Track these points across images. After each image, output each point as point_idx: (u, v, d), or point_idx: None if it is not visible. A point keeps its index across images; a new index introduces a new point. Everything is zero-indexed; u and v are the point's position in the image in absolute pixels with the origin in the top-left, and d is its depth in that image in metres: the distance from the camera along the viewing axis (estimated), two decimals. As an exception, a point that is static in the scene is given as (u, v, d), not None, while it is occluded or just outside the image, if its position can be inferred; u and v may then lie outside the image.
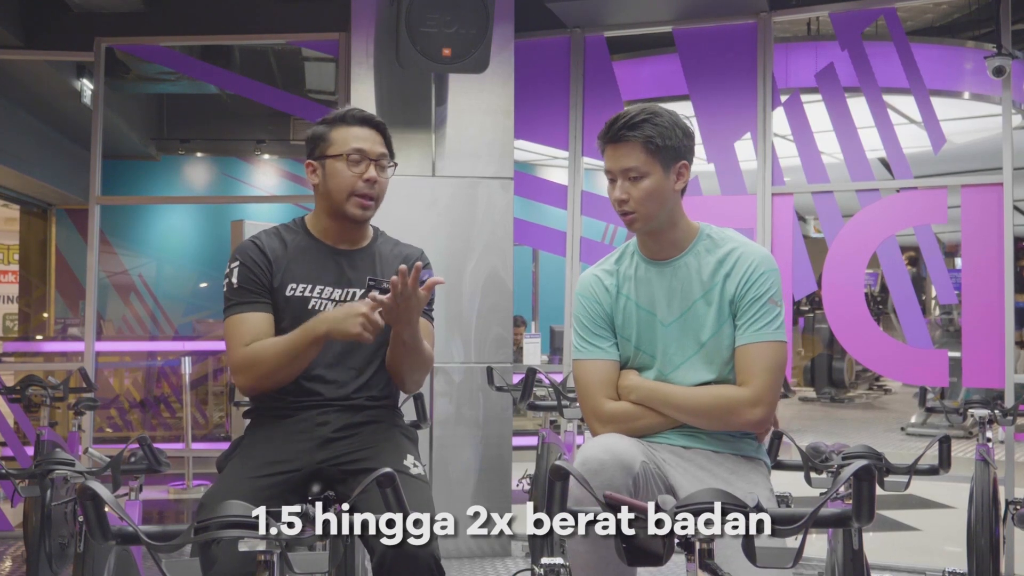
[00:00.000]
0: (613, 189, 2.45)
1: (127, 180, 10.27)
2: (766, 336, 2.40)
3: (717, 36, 5.42)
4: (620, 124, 2.39)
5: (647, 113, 2.40)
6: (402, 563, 2.19)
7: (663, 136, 2.39)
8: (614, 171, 2.43)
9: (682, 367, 2.46)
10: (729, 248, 2.48)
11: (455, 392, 5.07)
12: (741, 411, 2.38)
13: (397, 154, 2.84)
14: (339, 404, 2.54)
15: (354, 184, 2.58)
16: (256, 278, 2.56)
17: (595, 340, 2.52)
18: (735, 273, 2.44)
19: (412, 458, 2.51)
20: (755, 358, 2.39)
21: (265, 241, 2.63)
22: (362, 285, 2.59)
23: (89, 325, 5.74)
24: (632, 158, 2.39)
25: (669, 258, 2.50)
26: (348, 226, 2.65)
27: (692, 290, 2.46)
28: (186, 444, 7.26)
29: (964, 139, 9.19)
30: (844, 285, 5.22)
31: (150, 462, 2.62)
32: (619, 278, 2.54)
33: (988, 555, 3.71)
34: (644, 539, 1.47)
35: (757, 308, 2.41)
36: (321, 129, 2.65)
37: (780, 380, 2.43)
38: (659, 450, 2.44)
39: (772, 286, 2.43)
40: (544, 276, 10.81)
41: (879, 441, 9.56)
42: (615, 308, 2.52)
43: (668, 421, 2.45)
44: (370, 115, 2.68)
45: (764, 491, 2.39)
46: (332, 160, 2.60)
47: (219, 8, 5.71)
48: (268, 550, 1.49)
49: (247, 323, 2.51)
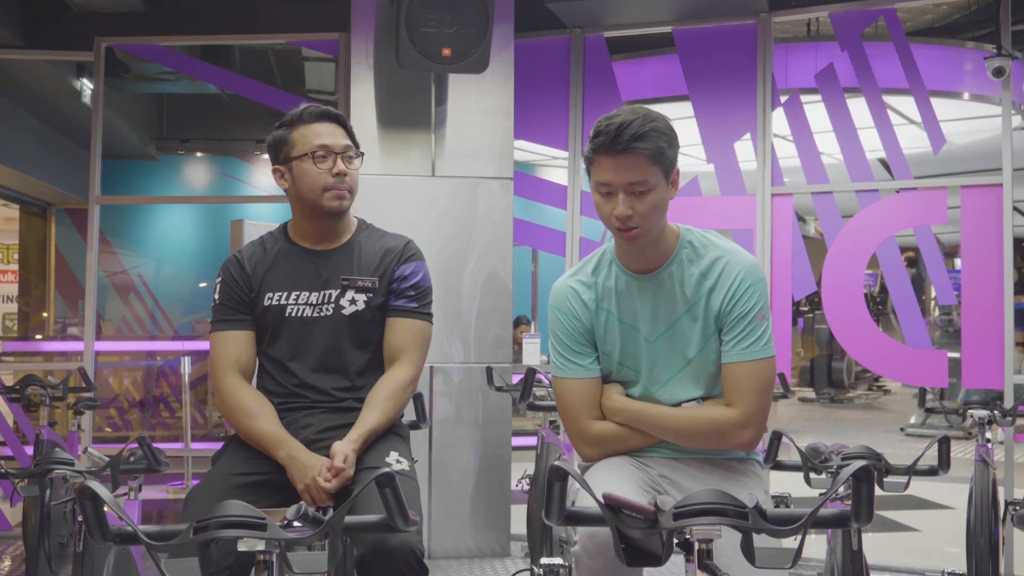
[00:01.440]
0: (608, 203, 2.26)
1: (127, 180, 10.27)
2: (754, 354, 2.32)
3: (717, 36, 5.42)
4: (628, 135, 2.18)
5: (648, 120, 2.22)
6: (382, 558, 2.18)
7: (667, 143, 2.24)
8: (615, 184, 2.23)
9: (669, 383, 2.41)
10: (713, 258, 2.37)
11: (454, 392, 5.07)
12: (731, 434, 2.34)
13: (396, 154, 2.84)
14: (324, 406, 2.55)
15: (324, 180, 2.56)
16: (235, 295, 2.60)
17: (575, 358, 2.42)
18: (720, 287, 2.34)
19: (396, 454, 2.48)
20: (743, 378, 2.32)
21: (247, 254, 2.65)
22: (336, 285, 2.58)
23: (88, 325, 5.74)
24: (639, 171, 2.21)
25: (651, 270, 2.38)
26: (327, 224, 2.63)
27: (676, 305, 2.37)
28: (185, 444, 7.25)
29: (964, 140, 9.18)
30: (844, 286, 5.22)
31: (149, 462, 2.61)
32: (598, 291, 2.43)
33: (987, 556, 3.71)
34: (643, 539, 1.47)
35: (744, 325, 2.32)
36: (281, 133, 2.62)
37: (769, 396, 2.40)
38: (654, 465, 2.42)
39: (759, 300, 2.33)
40: (543, 276, 10.80)
41: (878, 442, 9.57)
42: (595, 322, 2.42)
43: (655, 439, 2.42)
44: (327, 109, 2.64)
45: (759, 492, 2.39)
46: (298, 161, 2.58)
47: (219, 8, 5.71)
48: (267, 550, 1.49)
49: (229, 344, 2.57)
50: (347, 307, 2.58)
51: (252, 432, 2.47)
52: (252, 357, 2.60)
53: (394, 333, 2.61)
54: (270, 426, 2.46)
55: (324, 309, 2.58)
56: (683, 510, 1.44)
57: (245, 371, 2.58)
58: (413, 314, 2.62)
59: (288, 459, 2.40)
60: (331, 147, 2.58)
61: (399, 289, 2.62)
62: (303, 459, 2.39)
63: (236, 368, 2.56)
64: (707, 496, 1.45)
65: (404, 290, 2.62)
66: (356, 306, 2.58)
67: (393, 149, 5.02)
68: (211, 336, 2.62)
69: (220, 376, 2.56)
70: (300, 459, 2.39)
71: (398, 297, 2.62)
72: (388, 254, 2.64)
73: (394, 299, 2.62)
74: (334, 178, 2.56)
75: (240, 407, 2.50)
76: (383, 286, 2.61)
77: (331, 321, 2.57)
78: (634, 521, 1.44)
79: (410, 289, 2.63)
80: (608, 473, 2.35)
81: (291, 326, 2.57)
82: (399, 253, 2.65)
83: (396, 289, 2.62)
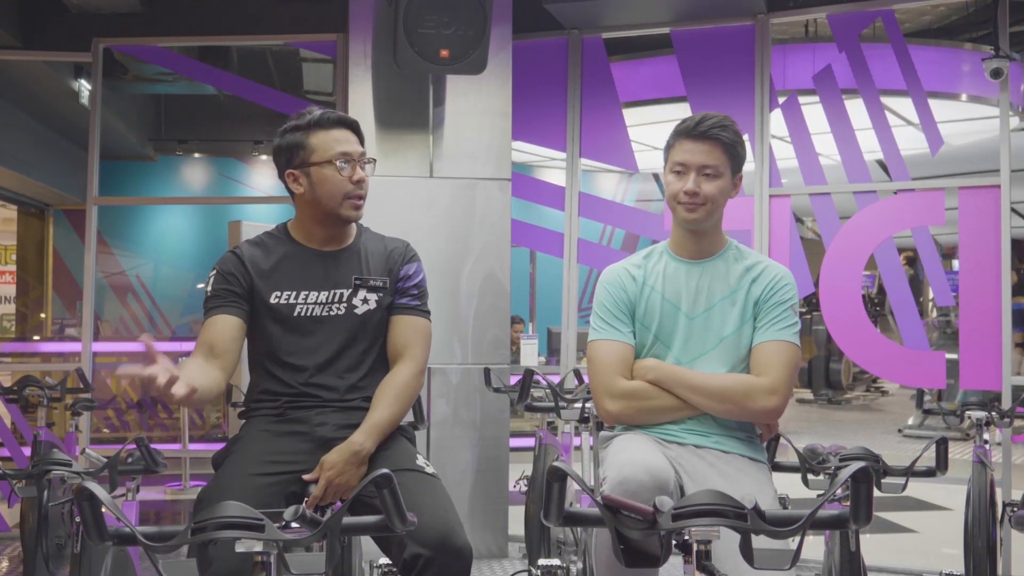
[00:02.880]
0: (679, 180, 2.54)
1: (125, 181, 10.27)
2: (785, 336, 2.52)
3: (715, 38, 5.42)
4: (711, 123, 2.53)
5: (729, 121, 2.58)
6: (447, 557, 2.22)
7: (741, 145, 2.59)
8: (690, 164, 2.53)
9: (700, 359, 2.54)
10: (756, 260, 2.63)
11: (452, 393, 5.07)
12: (758, 397, 2.47)
13: (394, 155, 2.85)
14: (335, 405, 2.55)
15: (345, 188, 2.57)
16: (229, 285, 2.58)
17: (615, 323, 2.60)
18: (761, 279, 2.57)
19: (422, 458, 2.54)
20: (773, 352, 2.50)
21: (246, 251, 2.64)
22: (347, 284, 2.61)
23: (86, 326, 5.73)
24: (713, 156, 2.53)
25: (701, 258, 2.62)
26: (337, 228, 2.66)
27: (718, 290, 2.58)
28: (183, 445, 7.26)
29: (961, 141, 9.19)
30: (841, 287, 5.23)
31: (147, 463, 2.62)
32: (647, 271, 2.64)
33: (985, 557, 3.71)
34: (642, 540, 1.47)
35: (779, 311, 2.53)
36: (297, 137, 2.60)
37: (794, 378, 2.53)
38: (674, 450, 2.49)
39: (793, 297, 2.57)
40: (541, 277, 10.81)
41: (876, 443, 9.57)
42: (639, 297, 2.61)
43: (680, 406, 2.51)
44: (344, 116, 2.66)
45: (769, 492, 2.43)
46: (318, 167, 2.57)
47: (217, 9, 5.71)
48: (265, 551, 1.49)
49: (208, 328, 2.54)
50: (360, 306, 2.60)
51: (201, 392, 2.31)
52: (228, 340, 2.52)
53: (399, 330, 2.64)
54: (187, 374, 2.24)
55: (335, 308, 2.59)
56: (682, 511, 1.44)
57: (214, 352, 2.48)
58: (416, 312, 2.67)
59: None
60: (351, 154, 2.59)
61: (404, 288, 2.67)
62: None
63: (203, 350, 2.50)
64: (706, 497, 1.45)
65: (408, 289, 2.67)
66: (368, 305, 2.61)
67: (391, 150, 5.02)
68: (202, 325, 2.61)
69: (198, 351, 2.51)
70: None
71: (402, 295, 2.66)
72: (392, 255, 2.68)
73: (399, 298, 2.66)
74: (354, 185, 2.58)
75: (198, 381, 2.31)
76: (391, 286, 2.65)
77: (343, 320, 2.59)
78: (633, 522, 1.44)
79: (413, 288, 2.68)
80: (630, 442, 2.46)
81: (300, 325, 2.57)
82: (403, 253, 2.70)
83: (401, 288, 2.66)
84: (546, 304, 10.03)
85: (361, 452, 2.44)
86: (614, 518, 1.44)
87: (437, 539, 2.20)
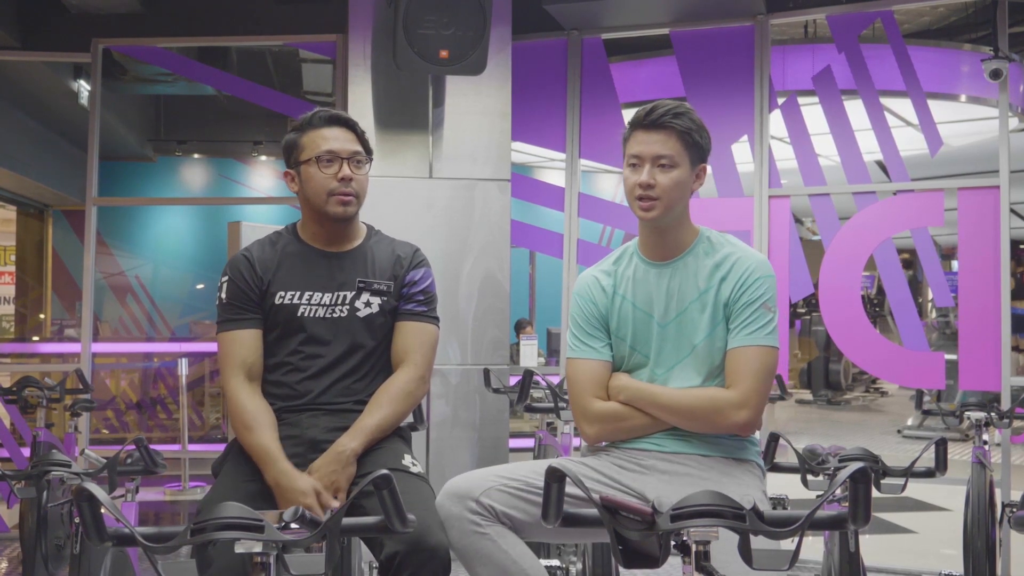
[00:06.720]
0: (634, 174, 2.42)
1: (124, 181, 10.28)
2: (757, 340, 2.39)
3: (714, 38, 5.42)
4: (663, 111, 2.39)
5: (685, 108, 2.43)
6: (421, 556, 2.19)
7: (699, 133, 2.43)
8: (644, 156, 2.41)
9: (674, 369, 2.46)
10: (726, 252, 2.48)
11: (452, 394, 5.07)
12: (727, 412, 2.37)
13: (393, 156, 2.84)
14: (331, 407, 2.55)
15: (329, 185, 2.57)
16: (244, 294, 2.59)
17: (588, 340, 2.52)
18: (731, 277, 2.44)
19: (410, 457, 2.51)
20: (744, 361, 2.38)
21: (256, 253, 2.65)
22: (351, 287, 2.60)
23: (86, 326, 5.73)
24: (668, 146, 2.39)
25: (669, 259, 2.50)
26: (335, 227, 2.64)
27: (688, 292, 2.46)
28: (183, 446, 7.24)
29: (961, 142, 9.19)
30: (841, 288, 5.23)
31: (146, 464, 2.61)
32: (616, 279, 2.54)
33: (984, 558, 3.71)
34: (641, 541, 1.47)
35: (750, 312, 2.40)
36: (292, 137, 2.64)
37: (768, 384, 2.42)
38: (644, 458, 2.44)
39: (767, 292, 2.42)
40: (541, 278, 10.82)
41: (875, 443, 9.57)
42: (610, 309, 2.53)
43: (656, 423, 2.45)
44: (337, 113, 2.65)
45: (757, 494, 2.38)
46: (305, 165, 2.59)
47: (216, 9, 5.71)
48: (264, 551, 1.49)
49: (237, 343, 2.56)
50: (362, 309, 2.59)
51: (247, 445, 2.47)
52: (259, 356, 2.59)
53: (403, 336, 2.63)
54: (264, 440, 2.43)
55: (338, 310, 2.58)
56: (680, 512, 1.44)
57: (252, 371, 2.56)
58: (422, 318, 2.65)
59: (274, 484, 2.39)
60: (337, 152, 2.58)
61: (409, 294, 2.65)
62: (286, 484, 2.37)
63: (242, 370, 2.54)
64: (704, 498, 1.45)
65: (413, 295, 2.65)
66: (371, 308, 2.60)
67: (390, 151, 5.02)
68: (218, 337, 2.60)
69: (226, 378, 2.56)
70: (283, 485, 2.37)
71: (407, 301, 2.64)
72: (399, 259, 2.67)
73: (404, 303, 2.64)
74: (339, 183, 2.57)
75: (239, 417, 2.49)
76: (395, 290, 2.64)
77: (345, 323, 2.58)
78: (631, 523, 1.44)
79: (419, 294, 2.66)
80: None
81: (303, 325, 2.57)
82: (410, 259, 2.68)
83: (406, 294, 2.65)
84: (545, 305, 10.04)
85: (345, 453, 2.41)
86: (612, 519, 1.44)
87: (411, 537, 2.18)
